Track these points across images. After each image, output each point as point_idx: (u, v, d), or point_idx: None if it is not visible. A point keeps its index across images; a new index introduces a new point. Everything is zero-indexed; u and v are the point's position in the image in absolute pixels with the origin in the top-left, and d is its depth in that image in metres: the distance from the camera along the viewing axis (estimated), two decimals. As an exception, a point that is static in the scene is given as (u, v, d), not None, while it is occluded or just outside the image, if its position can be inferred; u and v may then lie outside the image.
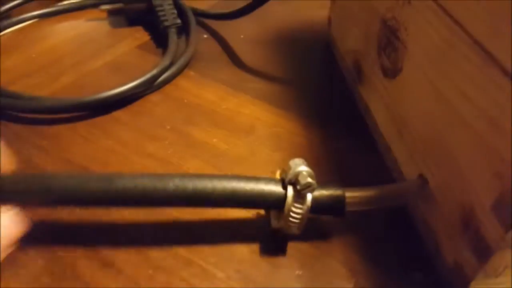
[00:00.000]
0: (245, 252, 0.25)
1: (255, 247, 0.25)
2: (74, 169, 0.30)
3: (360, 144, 0.33)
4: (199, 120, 0.35)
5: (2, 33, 0.47)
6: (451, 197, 0.22)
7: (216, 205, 0.24)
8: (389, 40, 0.29)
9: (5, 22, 0.47)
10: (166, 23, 0.44)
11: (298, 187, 0.22)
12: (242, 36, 0.47)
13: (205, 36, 0.48)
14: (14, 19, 0.48)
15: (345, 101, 0.38)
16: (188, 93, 0.39)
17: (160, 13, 0.45)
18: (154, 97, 0.38)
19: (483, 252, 0.19)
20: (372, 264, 0.25)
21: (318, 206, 0.23)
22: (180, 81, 0.40)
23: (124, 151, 0.32)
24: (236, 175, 0.24)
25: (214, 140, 0.33)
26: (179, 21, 0.45)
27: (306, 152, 0.32)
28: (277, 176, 0.25)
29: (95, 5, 0.51)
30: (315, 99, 0.38)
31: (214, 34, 0.48)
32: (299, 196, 0.23)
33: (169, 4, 0.46)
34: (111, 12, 0.51)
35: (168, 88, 0.39)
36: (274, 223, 0.25)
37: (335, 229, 0.27)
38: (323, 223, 0.27)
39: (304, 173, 0.23)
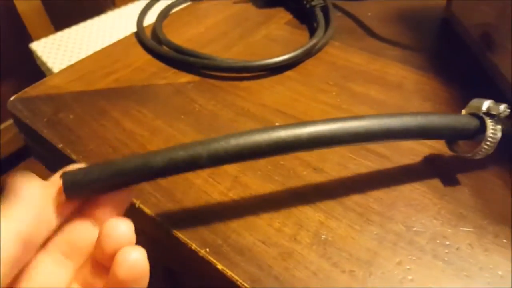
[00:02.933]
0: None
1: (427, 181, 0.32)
2: (270, 111, 0.38)
3: (491, 97, 0.39)
4: (354, 77, 0.42)
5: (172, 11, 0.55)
6: None
7: (424, 136, 0.29)
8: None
9: (171, 4, 0.56)
10: (313, 3, 0.51)
11: (494, 112, 0.29)
12: (369, 14, 0.54)
13: (338, 14, 0.55)
14: (176, 1, 0.57)
15: (472, 65, 0.43)
16: (339, 58, 0.46)
17: (306, -4, 0.52)
18: (311, 62, 0.46)
19: None
20: (521, 178, 0.31)
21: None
22: (329, 49, 0.47)
23: (303, 99, 0.40)
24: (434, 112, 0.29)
25: (372, 92, 0.40)
26: (321, 1, 0.52)
27: (450, 103, 0.39)
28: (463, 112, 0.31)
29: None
30: (446, 64, 0.44)
31: (346, 13, 0.55)
32: (494, 125, 0.29)
33: (310, -12, 0.53)
34: (254, -4, 0.58)
35: (320, 55, 0.47)
36: (463, 151, 0.31)
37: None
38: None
39: (495, 104, 0.29)
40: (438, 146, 0.34)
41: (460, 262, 0.26)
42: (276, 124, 0.37)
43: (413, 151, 0.34)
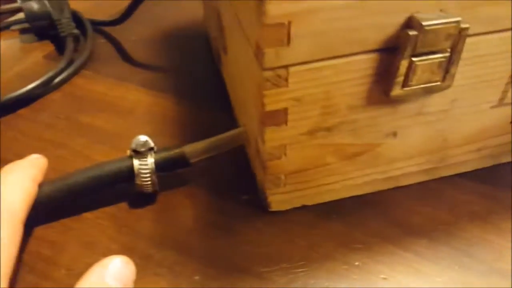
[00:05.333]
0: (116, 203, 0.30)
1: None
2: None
3: (222, 111, 0.38)
4: (88, 108, 0.40)
5: None
6: (252, 135, 0.28)
7: (86, 194, 0.28)
8: (220, 23, 0.34)
9: None
10: (63, 34, 0.48)
11: (139, 150, 0.27)
12: (133, 38, 0.52)
13: (102, 40, 0.52)
14: None
15: (214, 81, 0.43)
16: (82, 88, 0.43)
17: (59, 26, 0.49)
18: (53, 95, 0.43)
19: (264, 165, 0.25)
20: (211, 194, 0.30)
21: (163, 164, 0.28)
22: (77, 80, 0.45)
23: (24, 139, 0.37)
24: (93, 165, 0.28)
25: (99, 122, 0.38)
26: (76, 30, 0.49)
27: (175, 122, 0.37)
28: (128, 154, 0.29)
29: (6, 27, 0.54)
30: (191, 82, 0.43)
31: (110, 39, 0.52)
32: (143, 160, 0.27)
33: (67, 18, 0.50)
34: (22, 31, 0.54)
35: (66, 87, 0.44)
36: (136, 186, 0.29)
37: (188, 176, 0.32)
38: (178, 174, 0.31)
39: (140, 139, 0.28)
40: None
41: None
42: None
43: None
